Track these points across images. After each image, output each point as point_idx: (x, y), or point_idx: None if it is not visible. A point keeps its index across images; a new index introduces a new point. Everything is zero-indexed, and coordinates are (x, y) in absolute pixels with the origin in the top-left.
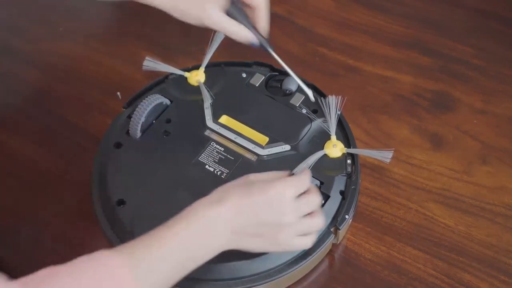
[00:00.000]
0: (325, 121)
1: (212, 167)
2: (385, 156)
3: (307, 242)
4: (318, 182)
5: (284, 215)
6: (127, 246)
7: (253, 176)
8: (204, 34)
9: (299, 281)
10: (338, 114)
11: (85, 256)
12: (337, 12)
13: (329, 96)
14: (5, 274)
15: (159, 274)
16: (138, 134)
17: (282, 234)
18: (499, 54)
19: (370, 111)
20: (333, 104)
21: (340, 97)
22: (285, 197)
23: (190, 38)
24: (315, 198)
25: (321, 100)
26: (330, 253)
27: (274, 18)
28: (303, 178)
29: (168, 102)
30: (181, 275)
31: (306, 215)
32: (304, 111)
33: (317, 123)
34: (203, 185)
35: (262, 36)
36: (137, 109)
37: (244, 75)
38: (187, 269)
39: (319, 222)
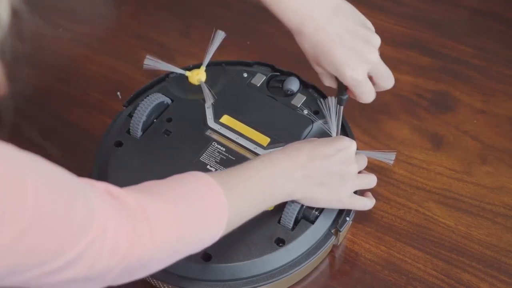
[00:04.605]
0: (326, 122)
1: (213, 167)
2: (388, 157)
3: (366, 203)
4: None
5: (349, 164)
6: (217, 175)
7: (313, 139)
8: (204, 35)
9: (299, 281)
10: (338, 113)
11: (186, 173)
12: None
13: (329, 97)
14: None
15: (244, 202)
16: (139, 133)
17: (344, 187)
18: (499, 54)
19: (370, 111)
20: (332, 105)
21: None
22: (351, 148)
23: (189, 38)
24: (365, 161)
25: (320, 101)
26: (330, 253)
27: (274, 18)
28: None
29: (169, 101)
30: (259, 209)
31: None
32: (305, 112)
33: (318, 124)
34: None
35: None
36: (138, 108)
37: (245, 75)
38: (265, 206)
39: (373, 179)
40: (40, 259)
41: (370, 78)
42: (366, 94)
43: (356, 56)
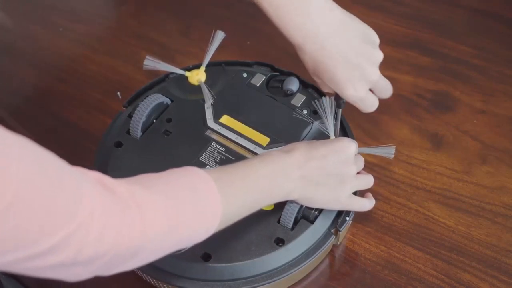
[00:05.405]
0: (323, 122)
1: (213, 167)
2: (388, 152)
3: (365, 204)
4: None
5: (347, 165)
6: (213, 171)
7: (314, 141)
8: (204, 35)
9: (299, 281)
10: (336, 115)
11: (182, 167)
12: None
13: (323, 97)
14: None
15: (240, 199)
16: (139, 133)
17: (343, 187)
18: (499, 54)
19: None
20: (328, 105)
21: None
22: (350, 149)
23: (189, 38)
24: (363, 162)
25: (315, 102)
26: (330, 253)
27: None
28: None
29: (168, 101)
30: (255, 208)
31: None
32: (305, 111)
33: (317, 124)
34: None
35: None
36: (138, 108)
37: (245, 75)
38: (261, 204)
39: (371, 179)
40: (22, 241)
41: (370, 90)
42: (369, 107)
43: (357, 76)
